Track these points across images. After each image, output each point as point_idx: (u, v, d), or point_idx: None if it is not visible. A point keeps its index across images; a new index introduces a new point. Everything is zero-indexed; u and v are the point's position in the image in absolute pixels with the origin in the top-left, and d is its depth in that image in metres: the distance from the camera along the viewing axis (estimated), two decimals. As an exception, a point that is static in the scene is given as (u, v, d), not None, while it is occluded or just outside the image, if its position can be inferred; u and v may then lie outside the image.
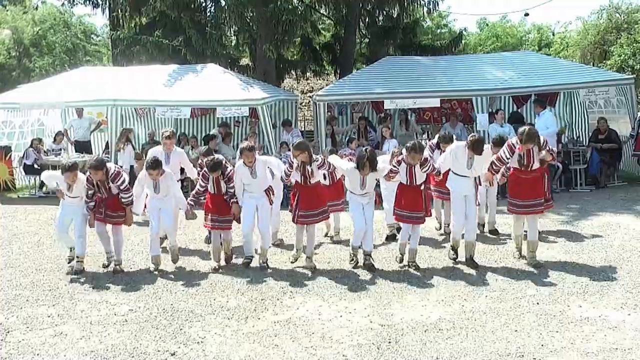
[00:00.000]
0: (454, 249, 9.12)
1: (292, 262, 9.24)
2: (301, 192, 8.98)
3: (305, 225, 9.07)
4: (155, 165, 8.87)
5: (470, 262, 8.86)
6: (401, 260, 9.03)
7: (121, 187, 8.90)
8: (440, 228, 10.99)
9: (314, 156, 8.96)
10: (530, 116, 17.59)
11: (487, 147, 9.19)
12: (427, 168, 8.76)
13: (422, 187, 8.93)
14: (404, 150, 9.15)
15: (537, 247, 8.91)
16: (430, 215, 9.48)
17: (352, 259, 9.05)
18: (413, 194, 8.83)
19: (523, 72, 15.76)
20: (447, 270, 8.66)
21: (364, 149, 8.89)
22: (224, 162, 9.06)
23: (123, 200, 8.94)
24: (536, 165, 8.71)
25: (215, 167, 8.77)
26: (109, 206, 8.96)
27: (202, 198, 9.21)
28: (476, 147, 8.68)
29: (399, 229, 9.90)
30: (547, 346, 6.08)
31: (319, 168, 8.95)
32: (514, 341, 6.23)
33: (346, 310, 7.24)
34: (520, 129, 8.69)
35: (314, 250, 9.22)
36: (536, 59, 17.84)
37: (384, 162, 9.27)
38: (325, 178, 9.79)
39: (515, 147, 8.66)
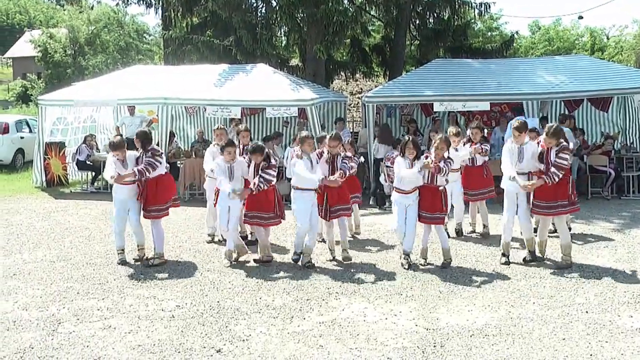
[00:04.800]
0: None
1: (330, 261, 9.43)
2: (328, 188, 9.19)
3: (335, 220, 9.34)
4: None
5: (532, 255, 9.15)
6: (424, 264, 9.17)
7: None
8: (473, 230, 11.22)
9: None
10: (581, 120, 17.36)
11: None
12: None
13: (441, 188, 8.96)
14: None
15: (570, 249, 8.94)
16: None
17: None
18: (432, 194, 8.91)
19: (575, 76, 15.49)
20: (493, 276, 8.57)
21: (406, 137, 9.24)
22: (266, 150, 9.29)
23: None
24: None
25: (257, 149, 9.11)
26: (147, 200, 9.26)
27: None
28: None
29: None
30: (596, 356, 5.97)
31: (343, 160, 9.26)
32: (561, 350, 6.13)
33: (391, 312, 7.22)
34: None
35: (347, 242, 9.41)
36: (589, 63, 17.53)
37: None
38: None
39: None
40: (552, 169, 8.51)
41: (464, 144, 10.57)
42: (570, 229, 10.47)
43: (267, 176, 9.04)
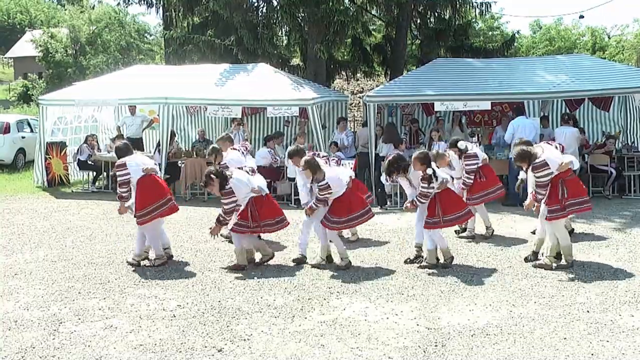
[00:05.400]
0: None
1: (329, 262, 9.35)
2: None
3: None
4: None
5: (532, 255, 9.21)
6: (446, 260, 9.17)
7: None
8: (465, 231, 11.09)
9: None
10: (583, 120, 17.35)
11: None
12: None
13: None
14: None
15: (571, 250, 8.87)
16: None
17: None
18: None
19: (576, 75, 15.44)
20: (495, 275, 8.57)
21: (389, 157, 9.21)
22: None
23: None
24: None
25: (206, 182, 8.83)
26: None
27: None
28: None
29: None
30: (598, 356, 5.96)
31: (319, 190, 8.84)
32: (562, 349, 6.12)
33: (393, 312, 7.22)
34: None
35: (345, 250, 9.22)
36: (590, 62, 17.53)
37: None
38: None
39: None
40: (536, 189, 8.64)
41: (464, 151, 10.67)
42: (572, 229, 10.47)
43: (226, 206, 8.78)
